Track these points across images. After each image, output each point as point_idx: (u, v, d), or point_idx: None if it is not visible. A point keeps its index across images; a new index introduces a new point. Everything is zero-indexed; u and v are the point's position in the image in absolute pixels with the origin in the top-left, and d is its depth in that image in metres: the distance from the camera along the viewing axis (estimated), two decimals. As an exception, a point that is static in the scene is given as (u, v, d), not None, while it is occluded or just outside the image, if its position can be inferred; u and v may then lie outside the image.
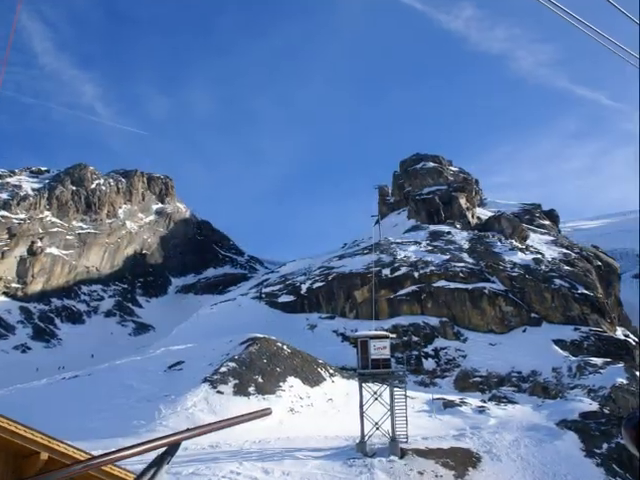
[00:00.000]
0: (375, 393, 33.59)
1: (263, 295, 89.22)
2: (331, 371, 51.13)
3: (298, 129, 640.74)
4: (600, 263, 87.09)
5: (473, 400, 51.29)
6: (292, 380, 44.78)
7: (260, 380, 42.60)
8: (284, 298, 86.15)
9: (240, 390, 40.35)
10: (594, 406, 42.91)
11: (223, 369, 42.71)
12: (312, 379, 47.00)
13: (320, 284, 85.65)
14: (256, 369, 43.90)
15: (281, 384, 43.34)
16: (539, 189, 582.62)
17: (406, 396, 34.27)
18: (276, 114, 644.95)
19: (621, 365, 58.41)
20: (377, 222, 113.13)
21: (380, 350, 32.80)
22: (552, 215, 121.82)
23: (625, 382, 52.06)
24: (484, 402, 51.92)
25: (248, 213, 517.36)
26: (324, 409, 42.68)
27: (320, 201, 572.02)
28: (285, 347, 50.01)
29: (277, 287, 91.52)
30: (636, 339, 72.57)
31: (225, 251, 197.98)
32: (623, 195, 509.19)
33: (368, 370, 32.54)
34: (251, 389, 41.05)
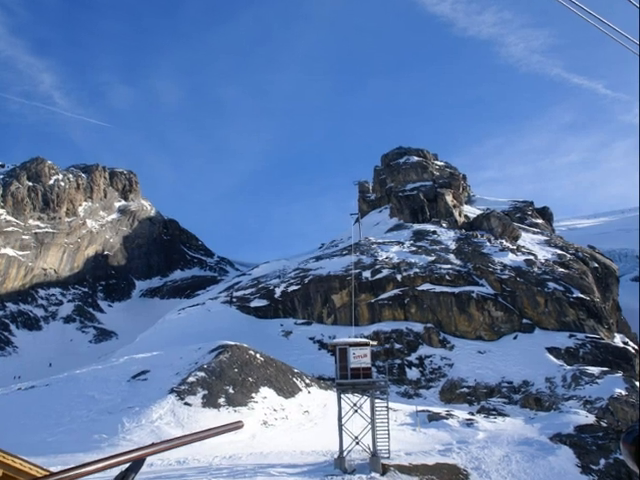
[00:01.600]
0: (355, 405, 33.53)
1: (234, 299, 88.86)
2: (307, 381, 51.10)
3: (271, 121, 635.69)
4: (597, 265, 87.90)
5: (460, 412, 51.54)
6: (265, 391, 44.66)
7: (231, 391, 42.42)
8: (257, 302, 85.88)
9: (209, 402, 40.12)
10: (590, 419, 43.26)
11: (191, 379, 42.45)
12: (287, 390, 46.92)
13: (295, 287, 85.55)
14: (227, 379, 43.72)
15: (254, 395, 43.19)
16: (531, 185, 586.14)
17: (388, 408, 34.27)
18: (247, 105, 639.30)
19: (619, 375, 59.02)
20: (357, 221, 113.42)
21: (360, 358, 32.71)
22: (545, 213, 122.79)
23: (624, 393, 52.60)
24: (472, 414, 52.15)
25: (218, 211, 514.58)
26: (300, 422, 42.63)
27: (295, 198, 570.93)
28: (258, 355, 49.89)
29: (249, 291, 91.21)
30: (635, 347, 73.38)
31: (193, 252, 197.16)
32: (622, 191, 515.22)
33: (347, 380, 32.41)
34: (221, 400, 40.84)
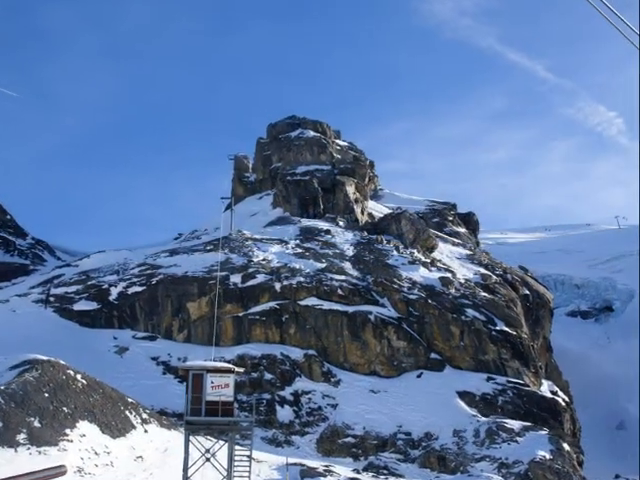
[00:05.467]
0: (208, 451, 33.05)
1: (51, 298, 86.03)
2: (145, 416, 50.14)
3: (113, 63, 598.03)
4: (528, 292, 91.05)
5: (342, 469, 51.94)
6: (85, 426, 43.45)
7: (37, 424, 40.87)
8: (83, 305, 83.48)
9: (3, 438, 38.49)
10: (505, 486, 44.36)
11: (-20, 404, 40.57)
12: (115, 426, 45.83)
13: (139, 289, 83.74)
14: (32, 407, 42.05)
15: (68, 431, 41.89)
16: (447, 185, 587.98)
17: (251, 458, 33.93)
18: (82, 37, 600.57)
19: (545, 432, 61.04)
20: (229, 207, 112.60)
21: (220, 389, 32.35)
22: (471, 220, 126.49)
23: (548, 457, 54.23)
24: (357, 472, 52.64)
25: (34, 178, 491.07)
26: (130, 471, 41.76)
27: (142, 170, 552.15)
28: (79, 377, 48.38)
29: (74, 288, 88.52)
30: (566, 398, 76.16)
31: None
32: (561, 202, 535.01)
33: (201, 417, 31.94)
34: (21, 437, 39.22)
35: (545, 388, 75.75)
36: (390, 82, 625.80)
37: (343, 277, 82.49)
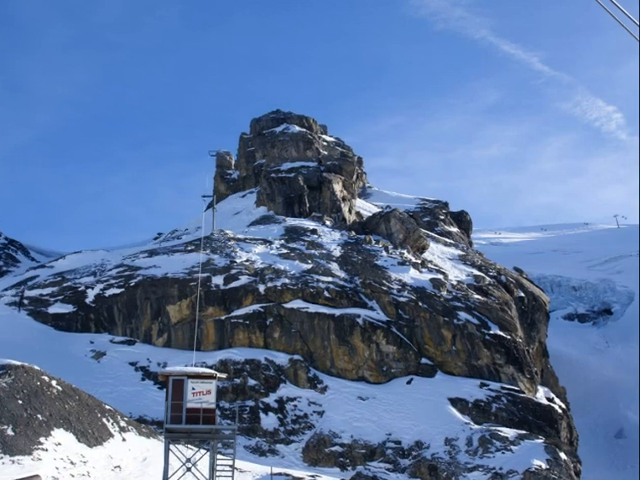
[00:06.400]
0: (189, 460, 33.00)
1: (25, 301, 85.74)
2: (123, 424, 49.92)
3: (88, 55, 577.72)
4: (523, 294, 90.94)
5: (329, 479, 51.85)
6: (60, 434, 43.16)
7: (10, 432, 40.65)
8: (58, 308, 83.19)
9: (-25, 445, 38.26)
10: (499, 497, 44.52)
11: (-50, 411, 40.43)
12: (92, 434, 45.58)
13: (117, 291, 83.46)
14: (5, 414, 41.87)
15: (43, 440, 41.59)
16: (439, 182, 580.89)
17: (234, 468, 33.93)
18: (54, 29, 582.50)
19: (540, 441, 61.22)
20: (210, 206, 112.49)
21: (202, 396, 32.32)
22: (463, 219, 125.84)
23: (544, 466, 54.42)
24: (345, 483, 52.71)
25: (7, 175, 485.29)
26: (107, 481, 41.51)
27: (120, 167, 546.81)
28: (54, 383, 48.19)
29: (48, 290, 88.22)
30: (563, 405, 76.10)
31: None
32: (557, 201, 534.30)
33: (181, 425, 31.88)
34: (-6, 445, 39.05)
35: (541, 395, 75.60)
36: (379, 75, 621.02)
37: (330, 279, 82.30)
